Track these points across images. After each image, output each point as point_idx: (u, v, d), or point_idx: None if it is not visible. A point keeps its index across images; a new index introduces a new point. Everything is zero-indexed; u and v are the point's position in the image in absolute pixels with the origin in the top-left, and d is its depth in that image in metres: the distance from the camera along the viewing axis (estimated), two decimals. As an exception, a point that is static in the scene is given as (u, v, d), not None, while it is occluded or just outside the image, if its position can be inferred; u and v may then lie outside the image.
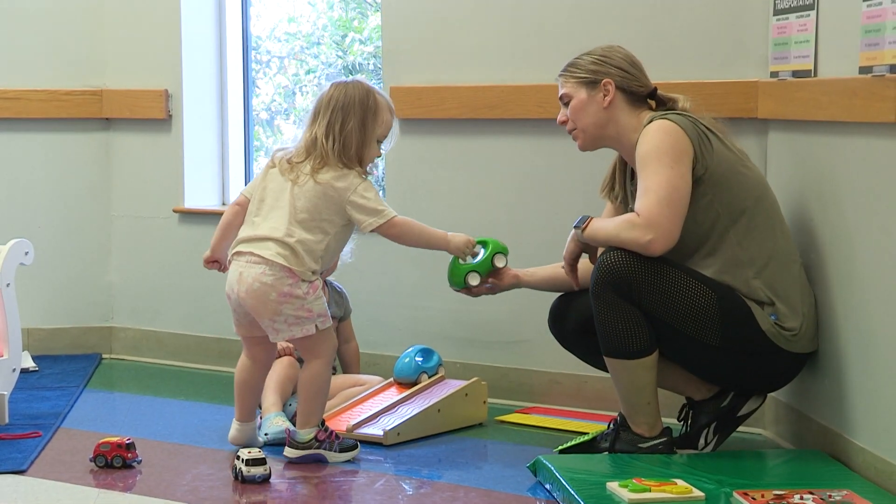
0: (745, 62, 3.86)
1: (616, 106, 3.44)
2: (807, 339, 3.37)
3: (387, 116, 3.58)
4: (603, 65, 3.45)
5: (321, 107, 3.56)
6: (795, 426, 3.62)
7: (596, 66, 3.45)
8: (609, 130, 3.46)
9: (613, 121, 3.45)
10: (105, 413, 4.19)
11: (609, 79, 3.43)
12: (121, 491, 3.26)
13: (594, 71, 3.45)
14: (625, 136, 3.44)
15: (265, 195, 3.55)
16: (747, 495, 2.93)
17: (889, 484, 3.01)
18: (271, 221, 3.50)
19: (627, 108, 3.44)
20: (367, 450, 3.64)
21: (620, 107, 3.44)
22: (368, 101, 3.55)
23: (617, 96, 3.43)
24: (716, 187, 3.33)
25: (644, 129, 3.36)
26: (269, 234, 3.48)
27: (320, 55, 5.48)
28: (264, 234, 3.49)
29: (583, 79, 3.46)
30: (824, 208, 3.43)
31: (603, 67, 3.45)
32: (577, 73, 3.47)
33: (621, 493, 2.97)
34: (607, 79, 3.43)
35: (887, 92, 2.96)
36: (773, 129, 3.81)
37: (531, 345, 4.14)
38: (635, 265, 3.26)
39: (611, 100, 3.43)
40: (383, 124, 3.58)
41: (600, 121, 3.46)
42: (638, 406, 3.38)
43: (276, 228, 3.48)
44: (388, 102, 3.61)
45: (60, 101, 4.95)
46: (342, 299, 4.15)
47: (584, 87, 3.46)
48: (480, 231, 4.25)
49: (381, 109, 3.57)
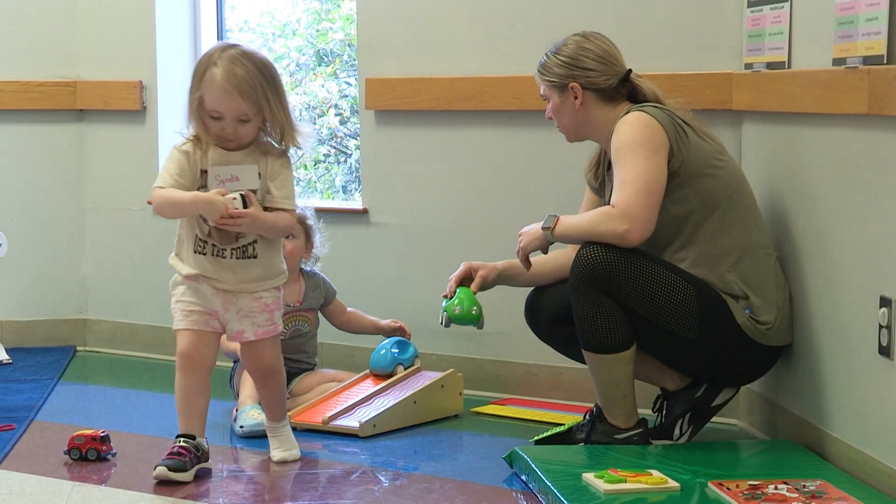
0: (720, 54, 3.87)
1: (589, 105, 3.44)
2: (781, 333, 3.38)
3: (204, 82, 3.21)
4: (569, 67, 3.44)
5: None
6: (770, 417, 3.63)
7: (562, 70, 3.45)
8: (587, 128, 3.48)
9: (590, 118, 3.45)
10: (79, 405, 4.18)
11: (575, 83, 3.43)
12: (95, 484, 3.25)
13: (560, 75, 3.44)
14: (604, 130, 3.44)
15: None
16: (722, 486, 2.95)
17: (862, 473, 3.03)
18: None
19: (602, 104, 3.44)
20: (343, 442, 3.64)
21: (594, 105, 3.44)
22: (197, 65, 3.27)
23: (587, 96, 3.43)
24: (691, 181, 3.33)
25: (620, 121, 3.36)
26: None
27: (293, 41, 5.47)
28: None
29: (552, 82, 3.46)
30: (798, 200, 3.45)
31: (569, 70, 3.44)
32: (546, 76, 3.47)
33: (597, 484, 2.98)
34: (573, 83, 3.43)
35: (860, 83, 2.97)
36: (748, 121, 3.82)
37: (507, 336, 4.14)
38: (614, 260, 3.26)
39: (581, 101, 3.44)
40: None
41: (577, 120, 3.47)
42: (614, 398, 3.39)
43: None
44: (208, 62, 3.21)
45: (33, 93, 4.92)
46: (319, 285, 4.12)
47: (555, 90, 3.46)
48: (457, 223, 4.26)
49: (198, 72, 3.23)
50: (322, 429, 3.71)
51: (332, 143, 5.52)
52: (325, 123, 5.46)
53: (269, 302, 3.34)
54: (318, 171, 5.58)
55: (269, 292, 3.34)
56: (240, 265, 3.28)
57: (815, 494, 2.88)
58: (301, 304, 4.04)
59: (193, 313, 3.28)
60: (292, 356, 4.01)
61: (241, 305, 3.31)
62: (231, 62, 3.16)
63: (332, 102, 5.46)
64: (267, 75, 3.21)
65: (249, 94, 3.17)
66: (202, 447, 3.26)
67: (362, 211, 4.45)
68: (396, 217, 4.39)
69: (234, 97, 3.16)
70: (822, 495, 2.87)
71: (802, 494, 2.88)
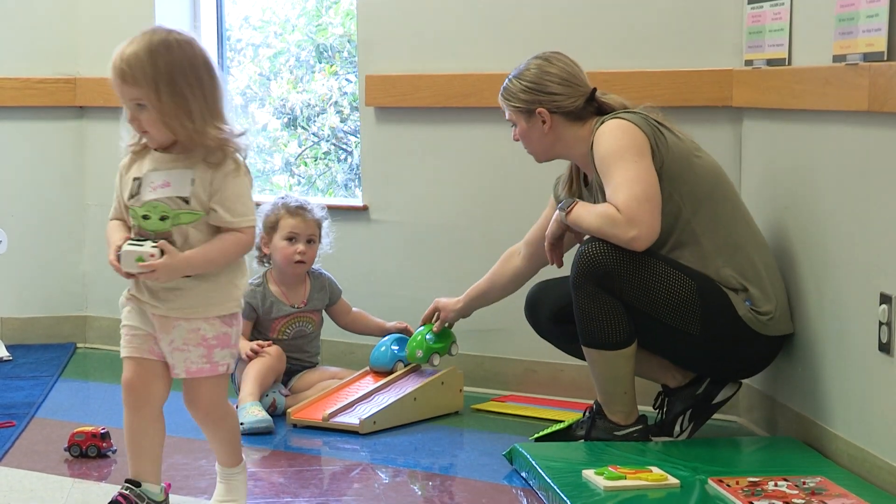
0: (720, 51, 3.86)
1: (558, 127, 3.45)
2: (783, 322, 3.39)
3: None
4: (533, 93, 3.44)
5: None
6: (770, 413, 3.63)
7: (526, 96, 3.44)
8: (558, 148, 3.49)
9: (560, 140, 3.46)
10: (79, 402, 4.18)
11: (542, 108, 3.43)
12: (95, 480, 3.25)
13: (526, 101, 3.44)
14: (575, 148, 3.45)
15: None
16: (722, 482, 2.95)
17: (862, 470, 3.03)
18: None
19: (570, 124, 3.45)
20: (343, 439, 3.64)
21: (563, 126, 3.45)
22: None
23: (555, 119, 3.44)
24: (673, 180, 3.34)
25: (598, 131, 3.36)
26: None
27: (292, 35, 5.47)
28: None
29: (518, 108, 3.46)
30: (798, 197, 3.45)
31: (533, 96, 3.44)
32: (511, 101, 3.48)
33: (597, 481, 2.98)
34: (540, 108, 3.43)
35: (860, 80, 2.97)
36: (748, 118, 3.81)
37: (507, 333, 4.14)
38: (616, 257, 3.26)
39: (550, 125, 3.44)
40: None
41: (546, 144, 3.48)
42: (615, 395, 3.39)
43: None
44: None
45: (33, 90, 4.92)
46: (325, 285, 4.12)
47: (521, 115, 3.46)
48: (458, 220, 4.26)
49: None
50: (322, 426, 3.71)
51: (333, 140, 5.51)
52: (326, 122, 5.46)
53: (209, 336, 2.76)
54: (319, 168, 5.58)
55: (210, 323, 2.76)
56: (170, 289, 2.75)
57: (815, 491, 2.88)
58: (305, 305, 4.05)
59: (136, 338, 2.79)
60: (294, 355, 4.03)
61: (175, 336, 2.75)
62: (130, 42, 2.72)
63: (332, 100, 5.45)
64: (167, 59, 2.69)
65: (132, 75, 2.69)
66: (149, 495, 2.79)
67: (362, 208, 4.45)
68: (397, 214, 4.39)
69: (116, 77, 2.73)
70: (821, 492, 2.87)
71: (802, 491, 2.88)
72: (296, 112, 5.48)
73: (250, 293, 4.01)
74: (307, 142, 5.52)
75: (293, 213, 4.00)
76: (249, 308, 4.00)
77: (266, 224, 4.00)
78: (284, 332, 4.02)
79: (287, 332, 4.02)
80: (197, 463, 3.39)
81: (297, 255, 3.98)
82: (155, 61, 2.68)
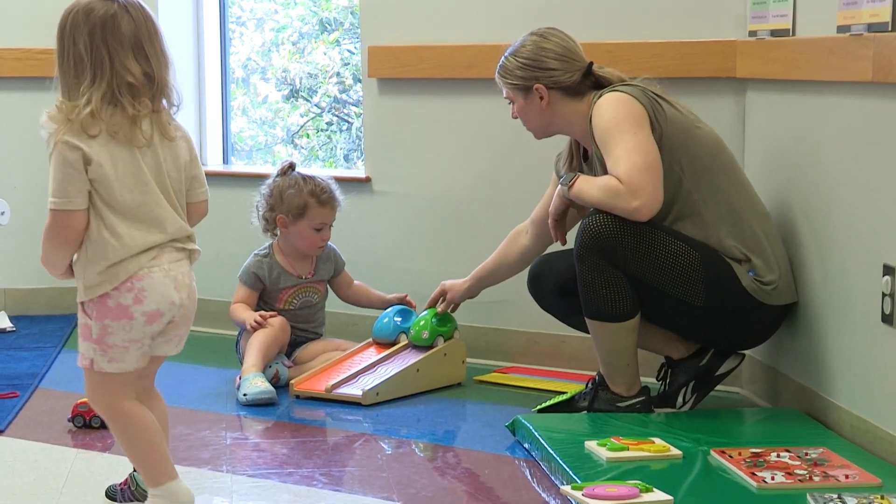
0: (724, 21, 3.85)
1: (555, 103, 3.44)
2: (786, 291, 3.39)
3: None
4: (530, 69, 3.43)
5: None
6: (772, 385, 3.64)
7: (523, 73, 3.44)
8: (556, 124, 3.49)
9: (558, 116, 3.46)
10: (83, 373, 4.18)
11: (539, 84, 3.42)
12: (99, 451, 3.26)
13: (522, 77, 3.44)
14: (574, 123, 3.45)
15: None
16: (724, 453, 2.95)
17: (864, 441, 3.04)
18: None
19: (568, 100, 3.44)
20: (346, 410, 3.65)
21: (560, 102, 3.44)
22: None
23: (553, 95, 3.43)
24: (673, 151, 3.33)
25: (596, 105, 3.36)
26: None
27: (295, 10, 5.45)
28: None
29: (515, 85, 3.46)
30: (802, 168, 3.44)
31: (530, 73, 3.43)
32: (508, 78, 3.47)
33: (599, 452, 2.99)
34: (537, 84, 3.42)
35: (864, 51, 2.96)
36: (752, 89, 3.80)
37: (510, 305, 4.14)
38: (620, 229, 3.26)
39: (547, 101, 3.43)
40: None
41: (545, 120, 3.47)
42: (617, 367, 3.39)
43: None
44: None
45: (35, 60, 4.90)
46: (331, 256, 4.12)
47: (519, 92, 3.46)
48: (460, 192, 4.26)
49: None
50: (325, 397, 3.72)
51: (334, 111, 5.51)
52: (326, 92, 5.45)
53: (80, 324, 2.60)
54: (321, 139, 5.57)
55: (79, 311, 2.59)
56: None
57: (817, 462, 2.88)
58: (312, 276, 4.05)
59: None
60: (300, 325, 4.03)
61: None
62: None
63: (333, 70, 5.44)
64: (66, 15, 2.53)
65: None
66: (139, 482, 2.70)
67: (365, 179, 4.44)
68: (399, 186, 4.38)
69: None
70: (823, 463, 2.88)
71: (804, 462, 2.88)
72: (296, 84, 5.47)
73: (257, 263, 4.01)
74: (309, 113, 5.51)
75: (324, 203, 3.96)
76: (256, 278, 4.00)
77: (291, 207, 3.94)
78: (291, 302, 4.02)
79: (294, 302, 4.03)
80: (200, 433, 3.40)
81: (321, 242, 3.98)
82: (64, 17, 2.55)
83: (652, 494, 2.69)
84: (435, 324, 3.90)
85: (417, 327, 3.90)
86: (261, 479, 3.03)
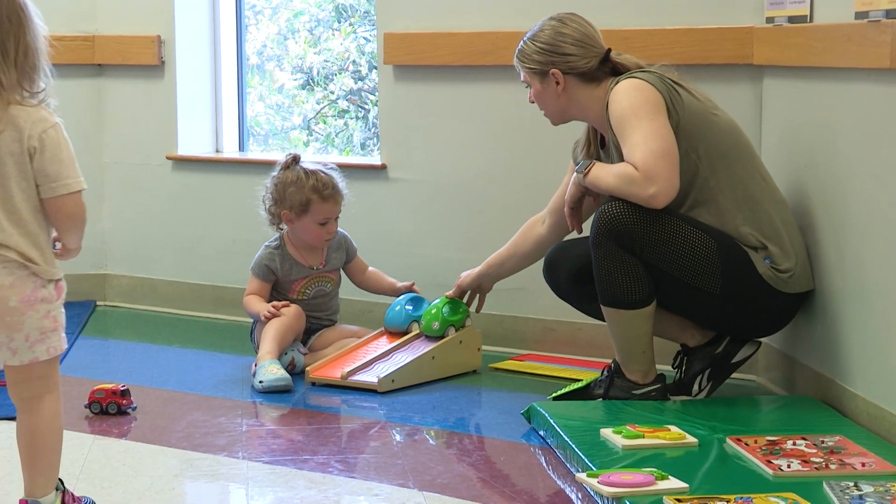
0: (741, 8, 3.83)
1: (572, 88, 3.43)
2: (803, 279, 3.38)
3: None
4: (547, 54, 3.43)
5: None
6: (788, 372, 3.63)
7: (540, 57, 3.43)
8: (573, 110, 3.48)
9: (574, 101, 3.45)
10: (99, 360, 4.20)
11: (556, 69, 3.41)
12: (116, 437, 3.27)
13: (539, 62, 3.44)
14: (590, 109, 3.44)
15: None
16: (740, 441, 2.95)
17: (881, 429, 3.03)
18: None
19: (585, 86, 3.43)
20: (361, 397, 3.65)
21: (577, 87, 3.43)
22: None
23: (569, 80, 3.42)
24: (690, 138, 3.32)
25: (613, 91, 3.35)
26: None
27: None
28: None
29: (532, 69, 3.45)
30: (819, 155, 3.43)
31: (547, 57, 3.43)
32: (526, 62, 3.47)
33: (615, 440, 2.99)
34: (554, 69, 3.42)
35: (882, 37, 2.95)
36: (769, 76, 3.79)
37: (526, 292, 4.14)
38: (636, 216, 3.25)
39: (563, 86, 3.42)
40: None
41: (561, 105, 3.47)
42: (633, 354, 3.39)
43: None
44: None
45: (52, 47, 4.89)
46: (342, 244, 4.12)
47: (535, 76, 3.46)
48: (476, 179, 4.26)
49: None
50: (341, 384, 3.72)
51: (350, 98, 5.50)
52: (342, 85, 5.45)
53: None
54: (337, 127, 5.57)
55: None
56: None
57: (834, 450, 2.87)
58: (324, 266, 4.05)
59: None
60: (314, 313, 4.04)
61: None
62: None
63: (350, 59, 5.44)
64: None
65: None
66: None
67: (381, 167, 4.44)
68: (415, 173, 4.38)
69: None
70: (840, 451, 2.87)
71: (821, 450, 2.88)
72: (313, 73, 5.47)
73: (269, 255, 4.01)
74: (325, 100, 5.51)
75: (326, 198, 3.95)
76: (268, 270, 4.00)
77: (294, 203, 3.94)
78: (304, 292, 4.02)
79: (307, 292, 4.03)
80: (216, 420, 3.40)
81: (328, 235, 3.98)
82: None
83: (667, 482, 2.68)
84: (445, 314, 3.89)
85: (428, 317, 3.90)
86: (276, 466, 3.04)
